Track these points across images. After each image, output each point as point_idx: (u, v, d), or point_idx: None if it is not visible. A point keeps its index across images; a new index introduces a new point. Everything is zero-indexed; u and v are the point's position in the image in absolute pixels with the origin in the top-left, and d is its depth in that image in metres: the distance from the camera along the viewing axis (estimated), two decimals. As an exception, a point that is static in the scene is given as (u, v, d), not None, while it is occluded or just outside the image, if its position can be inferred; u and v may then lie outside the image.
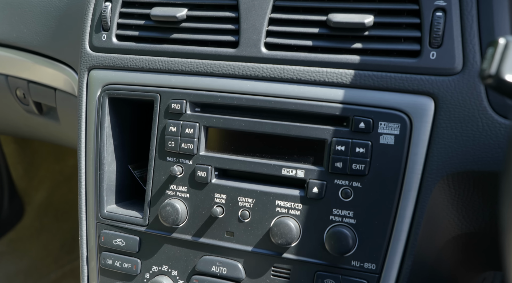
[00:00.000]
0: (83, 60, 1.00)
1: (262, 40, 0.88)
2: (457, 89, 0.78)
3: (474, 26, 0.77)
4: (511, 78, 0.51)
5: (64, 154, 2.29)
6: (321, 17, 0.85)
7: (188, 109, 0.91)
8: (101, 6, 0.98)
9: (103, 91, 0.97)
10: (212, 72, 0.91)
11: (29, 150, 2.23)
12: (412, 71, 0.80)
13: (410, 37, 0.81)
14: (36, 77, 1.25)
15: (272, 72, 0.87)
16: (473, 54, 0.77)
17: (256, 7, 0.88)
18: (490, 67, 0.52)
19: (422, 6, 0.79)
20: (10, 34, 1.27)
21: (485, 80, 0.53)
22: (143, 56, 0.95)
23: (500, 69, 0.51)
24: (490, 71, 0.52)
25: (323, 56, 0.85)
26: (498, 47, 0.52)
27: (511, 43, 0.52)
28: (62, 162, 2.31)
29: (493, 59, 0.52)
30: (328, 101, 0.84)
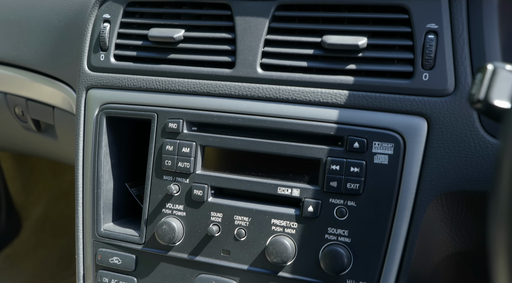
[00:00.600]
0: (82, 79, 1.01)
1: (258, 61, 0.89)
2: (449, 110, 0.79)
3: (466, 48, 0.79)
4: (499, 103, 0.52)
5: (62, 169, 2.29)
6: (316, 39, 0.86)
7: (185, 128, 0.92)
8: (99, 27, 0.99)
9: (101, 110, 0.99)
10: (209, 92, 0.92)
11: (27, 165, 2.24)
12: (405, 92, 0.81)
13: (403, 58, 0.82)
14: (35, 95, 1.26)
15: (267, 92, 0.89)
16: (464, 76, 0.79)
17: (252, 28, 0.89)
18: (479, 92, 0.53)
19: (414, 28, 0.81)
20: (10, 53, 1.28)
21: (474, 105, 0.54)
22: (141, 76, 0.97)
23: (488, 94, 0.53)
24: (479, 96, 0.53)
25: (318, 77, 0.86)
26: (486, 73, 0.54)
27: (499, 69, 0.53)
28: (60, 177, 2.31)
29: (481, 85, 0.53)
30: (323, 121, 0.85)
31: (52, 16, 1.20)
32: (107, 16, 0.99)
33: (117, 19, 0.99)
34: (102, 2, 1.00)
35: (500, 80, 0.53)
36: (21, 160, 2.22)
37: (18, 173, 2.23)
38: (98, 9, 1.00)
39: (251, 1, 0.90)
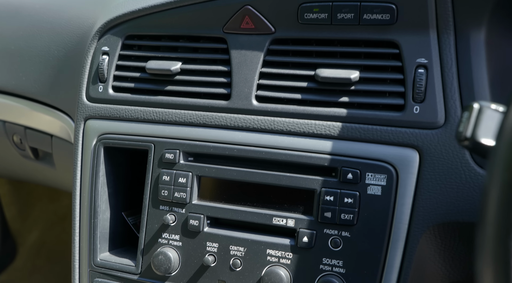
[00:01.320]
0: (80, 110, 1.03)
1: (253, 93, 0.91)
2: (440, 142, 0.81)
3: (455, 82, 0.81)
4: (486, 141, 0.54)
5: (59, 194, 2.29)
6: (310, 72, 0.88)
7: (181, 159, 0.94)
8: (98, 59, 1.02)
9: (99, 140, 1.00)
10: (205, 123, 0.94)
11: (24, 190, 2.24)
12: (397, 124, 0.83)
13: (394, 92, 0.84)
14: (33, 123, 1.28)
15: (262, 124, 0.90)
16: (454, 109, 0.81)
17: (247, 61, 0.92)
18: (466, 130, 0.55)
19: (405, 63, 0.83)
20: (9, 82, 1.30)
21: (462, 142, 0.56)
22: (138, 107, 0.99)
23: (475, 133, 0.54)
24: (466, 134, 0.55)
25: (311, 109, 0.88)
26: (472, 112, 0.55)
27: (484, 108, 0.55)
28: (56, 202, 2.31)
29: (468, 123, 0.55)
30: (317, 152, 0.87)
31: (52, 47, 1.23)
32: (106, 48, 1.01)
33: (116, 52, 1.01)
34: (101, 35, 1.02)
35: (485, 118, 0.54)
36: (18, 185, 2.22)
37: (14, 198, 2.23)
38: (97, 42, 1.03)
39: (246, 35, 0.92)
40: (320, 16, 0.86)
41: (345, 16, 0.85)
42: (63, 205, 2.29)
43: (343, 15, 0.85)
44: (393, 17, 0.83)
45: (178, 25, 0.97)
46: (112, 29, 1.02)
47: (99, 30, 1.02)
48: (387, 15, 0.83)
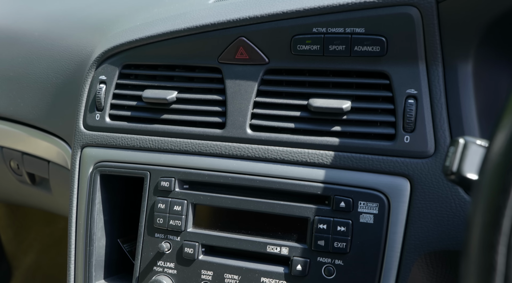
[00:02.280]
0: (77, 138, 1.04)
1: (247, 122, 0.93)
2: (430, 171, 0.82)
3: (444, 113, 0.83)
4: (471, 176, 0.55)
5: (54, 216, 2.29)
6: (303, 102, 0.90)
7: (177, 187, 0.95)
8: (95, 88, 1.04)
9: (95, 168, 1.01)
10: (200, 151, 0.95)
11: (20, 213, 2.24)
12: (388, 153, 0.85)
13: (385, 121, 0.86)
14: (31, 149, 1.29)
15: (256, 152, 0.92)
16: (443, 139, 0.82)
17: (241, 91, 0.94)
18: (452, 165, 0.57)
19: (395, 93, 0.85)
20: (7, 108, 1.32)
21: (449, 176, 0.57)
22: (135, 135, 1.00)
23: (460, 167, 0.56)
24: (452, 169, 0.57)
25: (304, 138, 0.90)
26: (458, 147, 0.57)
27: (469, 143, 0.56)
28: (52, 225, 2.31)
29: (454, 158, 0.57)
30: (310, 180, 0.88)
31: (50, 74, 1.25)
32: (103, 77, 1.03)
33: (113, 81, 1.03)
34: (99, 64, 1.04)
35: (470, 153, 0.56)
36: (14, 208, 2.22)
37: (10, 221, 2.22)
38: (94, 71, 1.05)
39: (240, 66, 0.94)
40: (313, 47, 0.88)
41: (337, 48, 0.87)
42: (59, 228, 2.29)
43: (334, 47, 0.87)
44: (383, 49, 0.85)
45: (174, 55, 0.99)
46: (110, 59, 1.04)
47: (96, 59, 1.04)
48: (377, 47, 0.85)
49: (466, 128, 0.82)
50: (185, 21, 0.98)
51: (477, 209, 0.45)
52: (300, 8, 0.88)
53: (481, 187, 0.44)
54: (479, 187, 0.46)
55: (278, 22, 0.90)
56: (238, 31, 0.93)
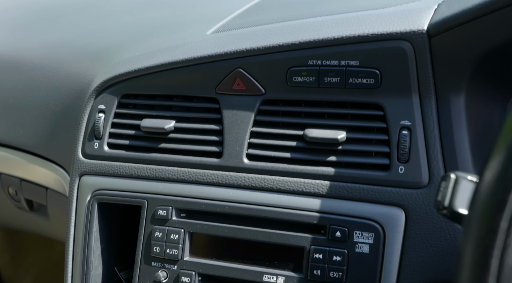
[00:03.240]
0: (75, 166, 1.05)
1: (244, 151, 0.94)
2: (424, 201, 0.83)
3: (437, 144, 0.84)
4: (463, 211, 0.56)
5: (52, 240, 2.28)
6: (299, 132, 0.92)
7: (174, 215, 0.96)
8: (94, 117, 1.05)
9: (93, 196, 1.02)
10: (197, 180, 0.96)
11: (17, 237, 2.23)
12: (383, 183, 0.86)
13: (380, 152, 0.87)
14: (29, 176, 1.30)
15: (253, 182, 0.93)
16: (437, 170, 0.83)
17: (238, 121, 0.95)
18: (444, 200, 0.58)
19: (389, 124, 0.87)
20: (7, 134, 1.33)
21: (440, 211, 0.58)
22: (133, 163, 1.01)
23: (452, 202, 0.57)
24: (444, 204, 0.58)
25: (300, 168, 0.91)
26: (449, 182, 0.58)
27: (460, 178, 0.58)
28: (50, 248, 2.30)
29: (446, 193, 0.58)
30: (306, 210, 0.89)
31: (50, 101, 1.26)
32: (102, 107, 1.05)
33: (112, 110, 1.04)
34: (98, 94, 1.06)
35: (461, 189, 0.57)
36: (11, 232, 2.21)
37: (7, 245, 2.22)
38: (94, 100, 1.06)
39: (237, 96, 0.96)
40: (308, 79, 0.90)
41: (332, 80, 0.89)
42: (57, 252, 2.28)
43: (329, 79, 0.89)
44: (377, 81, 0.87)
45: (172, 85, 1.01)
46: (109, 88, 1.05)
47: (96, 89, 1.06)
48: (371, 80, 0.87)
49: (459, 159, 0.83)
50: (183, 52, 1.00)
51: (467, 246, 0.46)
52: (296, 41, 0.90)
53: (470, 225, 0.45)
54: (468, 225, 0.47)
55: (274, 54, 0.92)
56: (235, 63, 0.95)
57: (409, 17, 0.86)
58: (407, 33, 0.83)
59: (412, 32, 0.83)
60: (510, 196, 0.40)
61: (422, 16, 0.85)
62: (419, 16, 0.85)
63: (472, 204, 0.47)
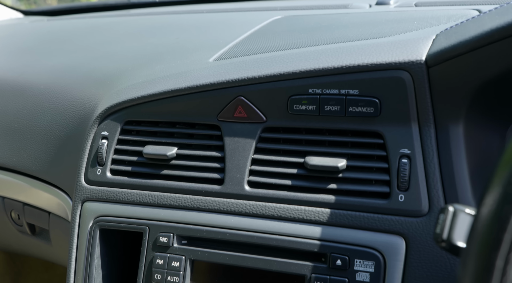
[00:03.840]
0: (78, 192, 1.06)
1: (245, 178, 0.95)
2: (425, 230, 0.84)
3: (437, 173, 0.85)
4: (461, 244, 0.57)
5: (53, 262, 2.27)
6: (299, 159, 0.92)
7: (175, 242, 0.96)
8: (98, 143, 1.06)
9: (95, 222, 1.03)
10: (199, 207, 0.97)
11: (19, 259, 2.23)
12: (383, 212, 0.86)
13: (380, 180, 0.88)
14: (32, 200, 1.31)
15: (254, 209, 0.93)
16: (437, 198, 0.84)
17: (240, 148, 0.96)
18: (442, 233, 0.58)
19: (389, 153, 0.87)
20: (11, 159, 1.34)
21: (439, 244, 0.59)
22: (135, 190, 1.02)
23: (450, 236, 0.57)
24: (443, 237, 0.58)
25: (301, 195, 0.91)
26: (448, 215, 0.59)
27: (458, 211, 0.58)
28: (51, 271, 2.29)
29: (444, 226, 0.58)
30: (307, 237, 0.89)
31: (54, 126, 1.28)
32: (106, 133, 1.06)
33: (115, 136, 1.06)
34: (102, 120, 1.07)
35: (460, 222, 0.58)
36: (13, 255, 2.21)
37: (9, 267, 2.21)
38: (97, 127, 1.08)
39: (239, 123, 0.97)
40: (309, 107, 0.91)
41: (332, 108, 0.90)
42: (57, 274, 2.27)
43: (330, 107, 0.90)
44: (377, 110, 0.88)
45: (175, 112, 1.02)
46: (112, 115, 1.07)
47: (99, 116, 1.07)
48: (371, 108, 0.88)
49: (458, 188, 0.84)
50: (186, 80, 1.01)
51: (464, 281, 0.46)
52: (297, 70, 0.92)
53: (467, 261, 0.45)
54: (465, 260, 0.47)
55: (275, 83, 0.94)
56: (236, 91, 0.96)
57: (408, 47, 0.88)
58: (405, 63, 0.85)
59: (410, 62, 0.84)
60: (505, 235, 0.40)
61: (421, 47, 0.87)
62: (418, 47, 0.87)
63: (469, 239, 0.47)
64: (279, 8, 1.63)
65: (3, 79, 1.45)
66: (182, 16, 1.74)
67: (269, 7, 1.68)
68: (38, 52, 1.56)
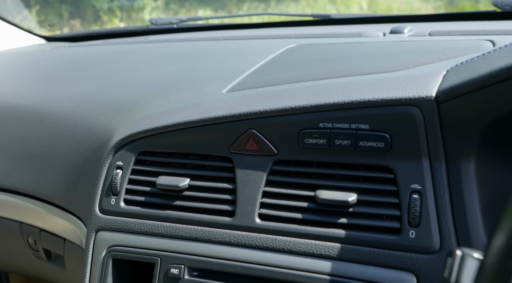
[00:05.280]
0: (92, 221, 1.08)
1: (256, 211, 0.95)
2: (436, 267, 0.83)
3: (448, 209, 0.84)
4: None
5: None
6: (310, 193, 0.93)
7: (186, 274, 0.97)
8: (112, 173, 1.08)
9: (108, 252, 1.04)
10: (210, 239, 0.97)
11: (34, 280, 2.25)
12: (394, 248, 0.86)
13: (390, 215, 0.88)
14: (48, 226, 1.33)
15: (264, 242, 0.94)
16: (448, 235, 0.83)
17: (251, 181, 0.97)
18: (450, 278, 0.58)
19: (399, 188, 0.87)
20: (29, 185, 1.37)
21: (447, 288, 0.58)
22: (147, 220, 1.03)
23: (458, 281, 0.57)
24: (451, 281, 0.58)
25: (311, 229, 0.91)
26: (455, 259, 0.58)
27: (466, 256, 0.58)
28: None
29: (452, 270, 0.58)
30: (317, 272, 0.89)
31: (71, 154, 1.30)
32: (120, 163, 1.08)
33: (129, 166, 1.07)
34: (117, 151, 1.09)
35: (467, 266, 0.57)
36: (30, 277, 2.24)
37: (25, 289, 2.24)
38: (112, 157, 1.10)
39: (250, 156, 0.98)
40: (319, 141, 0.92)
41: (342, 143, 0.91)
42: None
43: (340, 142, 0.91)
44: (387, 145, 0.88)
45: (188, 143, 1.04)
46: (127, 145, 1.09)
47: (114, 146, 1.10)
48: (381, 143, 0.88)
49: (470, 225, 0.83)
50: (199, 112, 1.03)
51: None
52: (307, 104, 0.93)
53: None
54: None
55: (286, 117, 0.95)
56: (248, 124, 0.98)
57: (418, 83, 0.88)
58: (416, 99, 0.85)
59: (420, 99, 0.85)
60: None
61: (431, 82, 0.87)
62: (428, 83, 0.87)
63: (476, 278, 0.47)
64: (294, 36, 1.65)
65: (25, 106, 1.49)
66: (198, 43, 1.77)
67: (284, 35, 1.70)
68: (58, 79, 1.60)
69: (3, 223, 1.46)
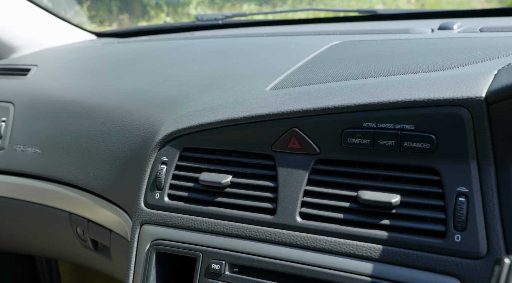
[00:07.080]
0: (137, 215, 1.11)
1: (297, 210, 0.95)
2: (482, 273, 0.80)
3: (496, 213, 0.81)
4: (517, 299, 0.55)
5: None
6: (352, 193, 0.92)
7: (227, 270, 0.98)
8: (157, 168, 1.11)
9: (152, 245, 1.07)
10: (251, 236, 0.98)
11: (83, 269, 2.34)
12: (438, 251, 0.84)
13: (435, 218, 0.85)
14: (96, 217, 1.38)
15: (305, 241, 0.93)
16: (496, 240, 0.80)
17: (293, 179, 0.97)
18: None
19: (445, 190, 0.85)
20: (78, 177, 1.43)
21: (493, 297, 0.56)
22: (190, 215, 1.05)
23: (505, 292, 0.55)
24: (498, 290, 0.56)
25: (353, 230, 0.90)
26: (503, 267, 0.57)
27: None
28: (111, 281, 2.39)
29: (499, 279, 0.56)
30: (358, 273, 0.88)
31: (119, 148, 1.34)
32: (165, 159, 1.11)
33: (173, 162, 1.10)
34: (162, 146, 1.12)
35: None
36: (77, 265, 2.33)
37: (74, 276, 2.33)
38: (157, 152, 1.12)
39: (292, 154, 0.98)
40: (363, 141, 0.91)
41: (386, 143, 0.89)
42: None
43: (384, 142, 0.89)
44: (433, 146, 0.86)
45: (231, 140, 1.05)
46: (172, 141, 1.11)
47: (160, 141, 1.12)
48: (427, 144, 0.86)
49: (520, 231, 0.80)
50: (242, 109, 1.04)
51: None
52: (351, 104, 0.92)
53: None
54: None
55: (329, 116, 0.94)
56: (291, 122, 0.97)
57: (467, 83, 0.85)
58: (464, 100, 0.83)
59: (469, 99, 0.82)
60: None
61: (481, 82, 0.84)
62: (478, 82, 0.84)
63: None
64: (339, 32, 1.63)
65: (75, 101, 1.55)
66: (242, 39, 1.78)
67: (329, 31, 1.68)
68: (107, 75, 1.65)
69: (54, 213, 1.53)
